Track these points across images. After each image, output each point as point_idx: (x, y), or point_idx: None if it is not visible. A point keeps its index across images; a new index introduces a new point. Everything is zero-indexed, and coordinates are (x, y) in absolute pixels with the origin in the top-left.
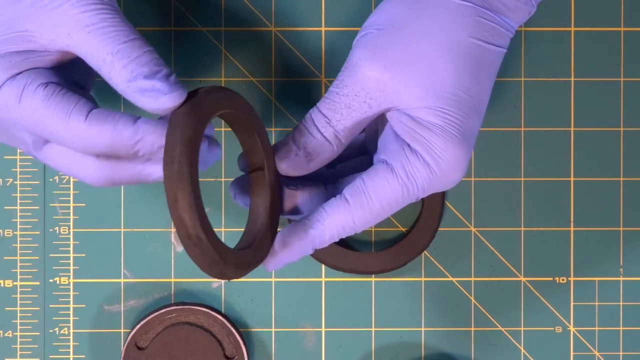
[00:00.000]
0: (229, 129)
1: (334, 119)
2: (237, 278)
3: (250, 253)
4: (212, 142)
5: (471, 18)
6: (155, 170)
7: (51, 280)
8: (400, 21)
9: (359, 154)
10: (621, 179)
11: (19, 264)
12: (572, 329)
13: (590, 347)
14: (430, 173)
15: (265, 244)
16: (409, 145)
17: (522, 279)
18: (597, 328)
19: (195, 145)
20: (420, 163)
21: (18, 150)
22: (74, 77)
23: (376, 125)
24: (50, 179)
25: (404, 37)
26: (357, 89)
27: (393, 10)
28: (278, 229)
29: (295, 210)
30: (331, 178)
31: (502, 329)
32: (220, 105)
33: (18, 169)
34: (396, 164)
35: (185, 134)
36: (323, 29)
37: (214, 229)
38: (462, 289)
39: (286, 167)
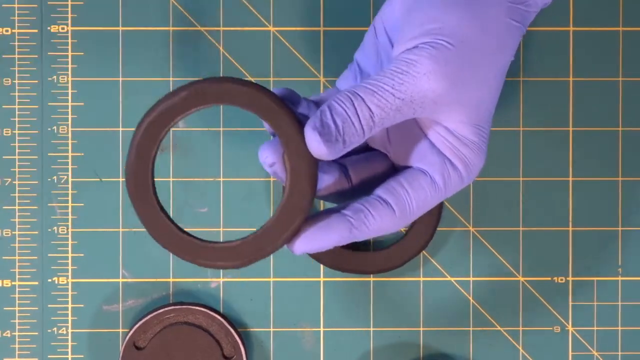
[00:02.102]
0: (229, 128)
1: (379, 116)
2: (237, 267)
3: (244, 245)
4: None
5: (517, 39)
6: None
7: (50, 280)
8: (467, 37)
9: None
10: (620, 178)
11: (17, 263)
12: (570, 328)
13: (588, 347)
14: (461, 184)
15: (274, 234)
16: (450, 161)
17: (521, 278)
18: (595, 328)
19: (142, 155)
20: (458, 177)
21: (17, 150)
22: None
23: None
24: (49, 179)
25: (470, 56)
26: (415, 97)
27: (460, 23)
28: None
29: (329, 196)
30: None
31: (501, 329)
32: (178, 111)
33: (17, 169)
34: (438, 177)
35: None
36: (322, 28)
37: (211, 229)
38: (460, 289)
39: (326, 152)
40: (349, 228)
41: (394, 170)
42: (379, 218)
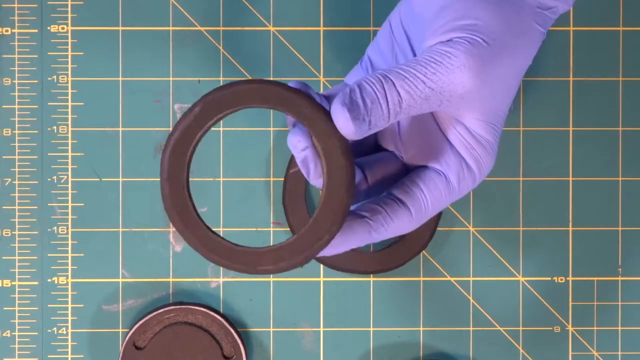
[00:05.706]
0: (229, 128)
1: (407, 103)
2: (292, 269)
3: (290, 247)
4: None
5: (538, 44)
6: None
7: (49, 280)
8: (499, 37)
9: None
10: (620, 178)
11: (17, 263)
12: (570, 328)
13: (588, 346)
14: (473, 185)
15: (317, 232)
16: (466, 161)
17: (521, 278)
18: (595, 328)
19: (179, 152)
20: (471, 178)
21: (17, 150)
22: None
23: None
24: (49, 179)
25: (503, 56)
26: (445, 88)
27: (493, 22)
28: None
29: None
30: None
31: (501, 329)
32: (221, 108)
33: (17, 169)
34: (453, 178)
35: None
36: (322, 28)
37: (214, 229)
38: (460, 288)
39: (352, 130)
40: (369, 231)
41: (406, 168)
42: (397, 219)
